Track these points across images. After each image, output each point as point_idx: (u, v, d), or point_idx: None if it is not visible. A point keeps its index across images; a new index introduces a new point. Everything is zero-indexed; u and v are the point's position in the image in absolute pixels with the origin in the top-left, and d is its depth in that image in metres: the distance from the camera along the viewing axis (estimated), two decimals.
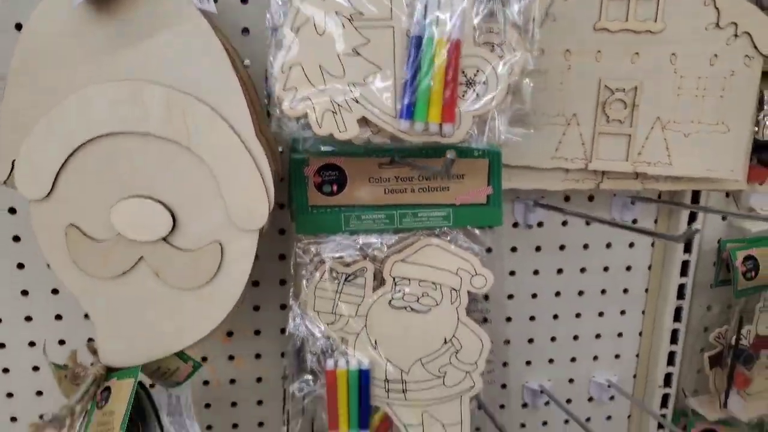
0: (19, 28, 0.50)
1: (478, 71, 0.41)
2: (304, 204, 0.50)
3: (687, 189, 0.59)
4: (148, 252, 0.42)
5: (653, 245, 0.66)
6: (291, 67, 0.40)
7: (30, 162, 0.40)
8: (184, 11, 0.39)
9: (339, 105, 0.41)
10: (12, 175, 0.41)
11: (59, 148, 0.40)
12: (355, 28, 0.40)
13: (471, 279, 0.50)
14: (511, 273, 0.64)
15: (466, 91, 0.41)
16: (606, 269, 0.66)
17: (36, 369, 0.61)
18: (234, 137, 0.40)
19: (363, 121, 0.41)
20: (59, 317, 0.59)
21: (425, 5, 0.39)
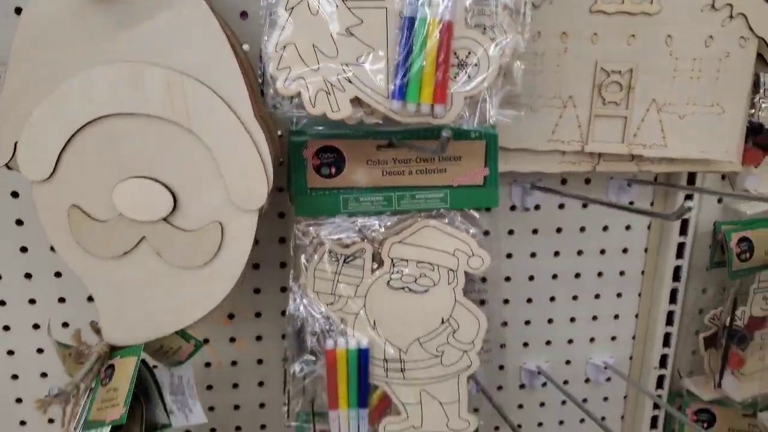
0: (19, 12, 0.50)
1: (469, 53, 0.42)
2: (303, 186, 0.50)
3: (682, 171, 0.59)
4: (149, 232, 0.43)
5: (649, 228, 0.66)
6: (285, 47, 0.40)
7: (32, 144, 0.41)
8: None
9: (332, 85, 0.41)
10: (14, 157, 0.42)
11: (61, 129, 0.41)
12: (349, 8, 0.40)
13: (468, 260, 0.51)
14: (509, 256, 0.65)
15: (457, 73, 0.42)
16: (602, 252, 0.66)
17: (40, 351, 0.61)
18: (233, 118, 0.40)
19: (356, 102, 0.42)
20: (62, 300, 0.60)
21: None
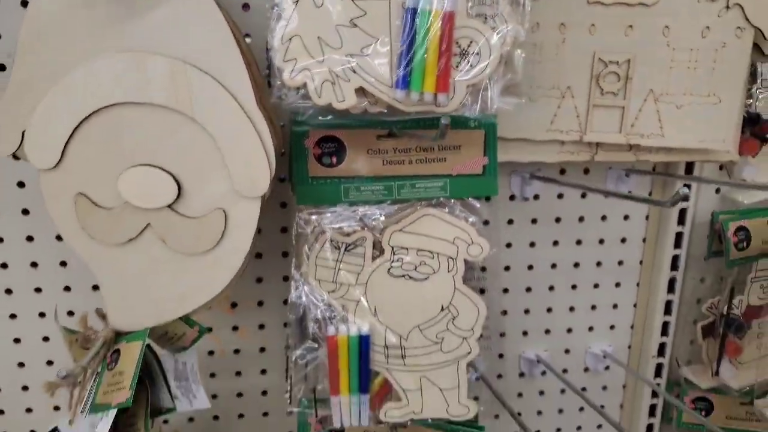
0: (25, 5, 0.51)
1: (471, 42, 0.42)
2: (304, 175, 0.51)
3: (680, 160, 0.60)
4: (154, 219, 0.43)
5: (648, 218, 0.67)
6: (291, 39, 0.41)
7: (39, 132, 0.42)
8: None
9: (337, 75, 0.42)
10: (22, 146, 0.43)
11: (67, 118, 0.41)
12: (352, 0, 0.41)
13: (467, 248, 0.52)
14: (508, 245, 0.66)
15: (459, 62, 0.43)
16: (601, 241, 0.67)
17: (46, 339, 0.62)
18: (236, 107, 0.41)
19: (360, 91, 0.43)
20: (68, 289, 0.61)
21: None
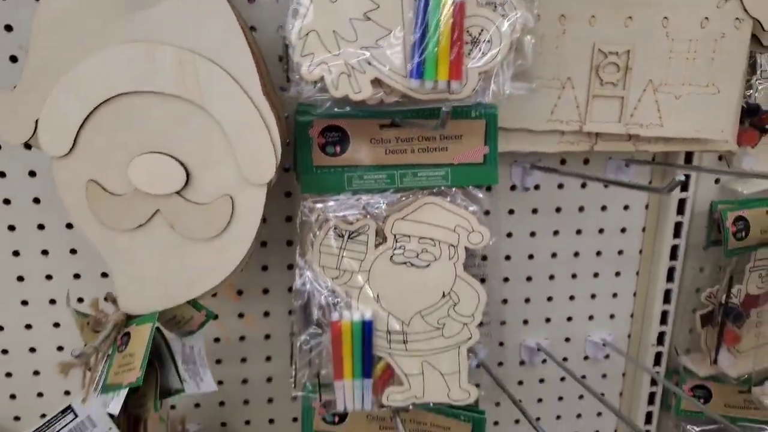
0: None
1: (482, 30, 0.44)
2: (308, 165, 0.52)
3: (679, 150, 0.60)
4: (163, 205, 0.45)
5: (647, 207, 0.68)
6: (307, 34, 0.43)
7: (52, 121, 0.43)
8: None
9: (353, 67, 0.43)
10: (35, 134, 0.44)
11: (79, 107, 0.43)
12: None
13: (468, 236, 0.53)
14: (509, 235, 0.67)
15: (471, 50, 0.44)
16: (601, 231, 0.68)
17: (56, 325, 0.64)
18: (243, 96, 0.42)
19: (376, 82, 0.44)
20: (78, 276, 0.62)
21: None
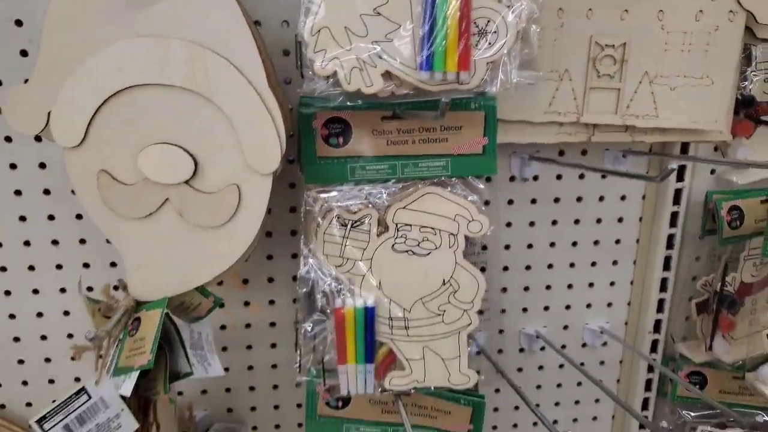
0: None
1: (488, 21, 0.45)
2: (312, 156, 0.53)
3: (674, 141, 0.62)
4: (172, 194, 0.46)
5: (644, 198, 0.69)
6: (319, 31, 0.44)
7: (64, 113, 0.44)
8: None
9: (364, 62, 0.44)
10: (47, 126, 0.45)
11: (91, 99, 0.44)
12: None
13: (468, 224, 0.54)
14: (508, 224, 0.68)
15: (478, 41, 0.45)
16: (599, 221, 0.69)
17: (66, 314, 0.65)
18: (250, 88, 0.43)
19: (387, 75, 0.45)
20: (87, 265, 0.64)
21: None
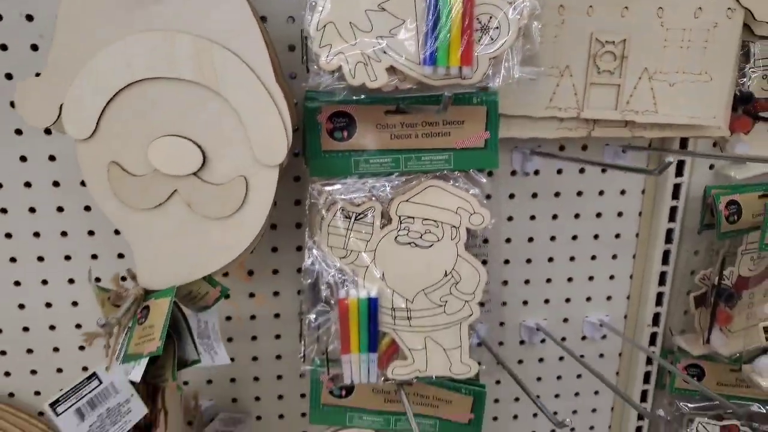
0: None
1: (491, 18, 0.46)
2: (317, 149, 0.54)
3: (673, 136, 0.62)
4: (181, 186, 0.47)
5: (644, 192, 0.70)
6: (325, 26, 0.45)
7: (76, 105, 0.45)
8: None
9: (369, 57, 0.45)
10: (59, 119, 0.46)
11: (102, 92, 0.45)
12: None
13: (470, 217, 0.55)
14: (509, 218, 0.69)
15: (481, 37, 0.46)
16: (599, 215, 0.70)
17: (75, 304, 0.66)
18: (257, 81, 0.44)
19: (391, 70, 0.46)
20: (95, 256, 0.65)
21: None
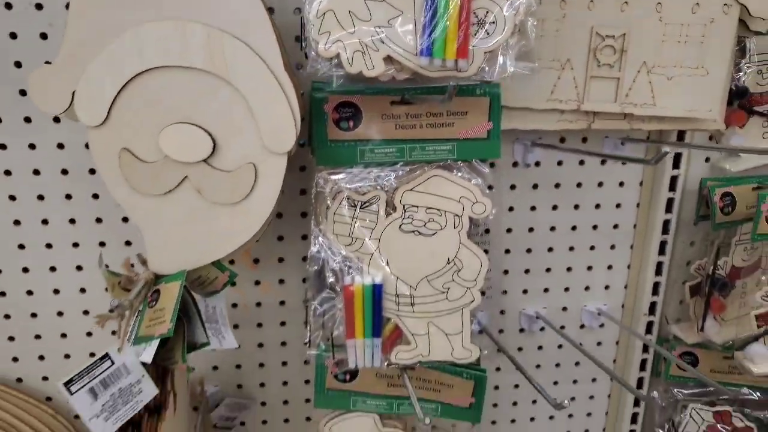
0: None
1: (487, 12, 0.47)
2: (323, 139, 0.55)
3: (670, 129, 0.64)
4: (191, 172, 0.48)
5: (641, 184, 0.71)
6: (324, 14, 0.46)
7: (88, 93, 0.46)
8: None
9: (367, 45, 0.46)
10: (71, 106, 0.47)
11: (114, 80, 0.46)
12: None
13: (472, 206, 0.56)
14: (510, 209, 0.70)
15: (477, 31, 0.47)
16: (597, 206, 0.71)
17: (83, 291, 0.67)
18: (266, 71, 0.45)
19: (388, 60, 0.47)
20: (103, 244, 0.66)
21: None
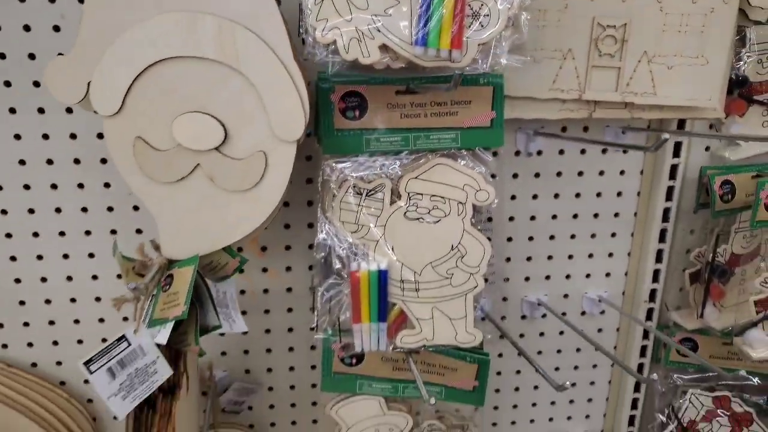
0: None
1: (482, 5, 0.48)
2: (330, 128, 0.57)
3: (671, 118, 0.65)
4: (203, 160, 0.49)
5: (642, 173, 0.72)
6: (322, 1, 0.47)
7: (103, 83, 0.48)
8: None
9: (363, 33, 0.47)
10: (87, 96, 0.49)
11: (128, 70, 0.47)
12: None
13: (475, 194, 0.57)
14: (512, 197, 0.71)
15: (472, 23, 0.48)
16: (599, 195, 0.72)
17: (95, 278, 0.69)
18: (276, 61, 0.47)
19: (383, 48, 0.48)
20: (114, 231, 0.67)
21: None
